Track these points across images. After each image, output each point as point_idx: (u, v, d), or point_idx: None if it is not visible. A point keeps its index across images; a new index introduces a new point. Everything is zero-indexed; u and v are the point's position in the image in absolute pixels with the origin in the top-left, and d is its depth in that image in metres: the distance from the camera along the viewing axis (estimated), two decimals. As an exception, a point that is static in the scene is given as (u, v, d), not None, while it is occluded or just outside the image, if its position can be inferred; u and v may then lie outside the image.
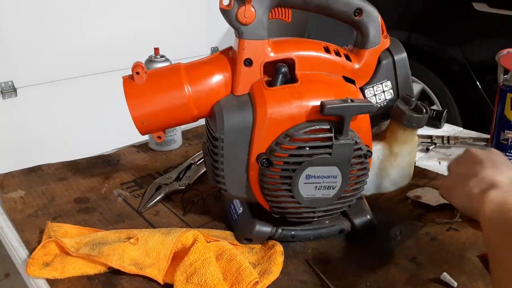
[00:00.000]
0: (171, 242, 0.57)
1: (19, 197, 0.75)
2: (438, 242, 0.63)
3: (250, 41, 0.55)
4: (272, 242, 0.62)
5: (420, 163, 0.87)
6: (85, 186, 0.79)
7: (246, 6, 0.53)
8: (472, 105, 1.79)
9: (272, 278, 0.56)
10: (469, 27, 1.75)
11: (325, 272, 0.57)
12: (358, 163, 0.57)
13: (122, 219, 0.69)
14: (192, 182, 0.79)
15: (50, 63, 1.76)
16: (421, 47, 1.89)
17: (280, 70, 0.56)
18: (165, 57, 0.89)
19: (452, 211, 0.69)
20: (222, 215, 0.70)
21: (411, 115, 0.60)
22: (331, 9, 0.57)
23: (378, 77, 0.62)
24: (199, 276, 0.52)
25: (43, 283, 0.56)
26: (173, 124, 0.60)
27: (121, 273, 0.56)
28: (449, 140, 0.95)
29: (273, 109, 0.54)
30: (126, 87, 0.57)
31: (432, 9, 1.90)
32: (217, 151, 0.56)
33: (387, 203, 0.73)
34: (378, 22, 0.59)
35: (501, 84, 0.78)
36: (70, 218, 0.69)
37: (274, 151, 0.54)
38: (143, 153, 0.92)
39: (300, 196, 0.57)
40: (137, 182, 0.81)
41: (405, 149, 0.64)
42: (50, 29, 1.73)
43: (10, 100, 1.71)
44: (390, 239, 0.64)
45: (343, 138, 0.54)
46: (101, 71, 1.88)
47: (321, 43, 0.59)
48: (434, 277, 0.56)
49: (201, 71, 0.58)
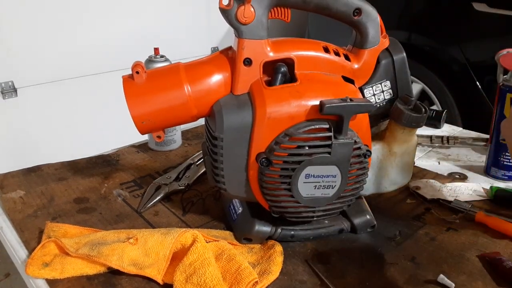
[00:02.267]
0: (171, 242, 0.57)
1: (18, 197, 0.75)
2: (438, 242, 0.63)
3: (249, 41, 0.55)
4: (271, 242, 0.62)
5: (419, 163, 0.87)
6: (84, 186, 0.79)
7: (245, 5, 0.53)
8: (472, 105, 1.79)
9: (272, 278, 0.56)
10: (469, 27, 1.75)
11: (324, 272, 0.57)
12: (357, 163, 0.57)
13: (121, 219, 0.69)
14: (191, 182, 0.79)
15: (50, 63, 1.76)
16: (421, 47, 1.88)
17: (280, 70, 0.56)
18: (165, 57, 0.89)
19: (449, 210, 0.70)
20: (222, 215, 0.70)
21: (410, 114, 0.60)
22: (330, 9, 0.57)
23: (377, 77, 0.62)
24: (199, 276, 0.52)
25: (43, 283, 0.56)
26: (172, 124, 0.60)
27: (121, 273, 0.56)
28: (449, 140, 0.95)
29: (273, 109, 0.54)
30: (126, 86, 0.57)
31: (432, 9, 1.90)
32: (216, 151, 0.56)
33: (387, 203, 0.73)
34: (377, 22, 0.59)
35: (500, 84, 0.78)
36: (70, 218, 0.69)
37: (274, 151, 0.54)
38: (143, 153, 0.92)
39: (300, 195, 0.57)
40: (136, 182, 0.81)
41: (404, 148, 0.64)
42: (50, 29, 1.73)
43: (10, 100, 1.71)
44: (389, 239, 0.64)
45: (343, 137, 0.54)
46: (101, 71, 1.88)
47: (320, 43, 0.59)
48: (434, 277, 0.56)
49: (201, 71, 0.58)
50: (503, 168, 0.80)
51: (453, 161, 0.88)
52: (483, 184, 0.79)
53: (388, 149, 0.64)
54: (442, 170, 0.84)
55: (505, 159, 0.80)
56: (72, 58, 1.81)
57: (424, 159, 0.90)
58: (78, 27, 1.80)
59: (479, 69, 1.72)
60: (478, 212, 0.67)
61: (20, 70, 1.71)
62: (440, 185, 0.76)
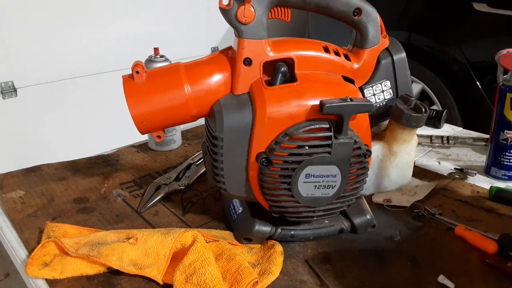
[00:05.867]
0: (171, 242, 0.57)
1: (18, 197, 0.75)
2: (438, 242, 0.63)
3: (249, 41, 0.55)
4: (271, 242, 0.62)
5: (419, 162, 0.87)
6: (84, 186, 0.79)
7: (245, 5, 0.53)
8: (472, 105, 1.79)
9: (272, 278, 0.56)
10: (469, 27, 1.75)
11: (324, 272, 0.57)
12: (357, 162, 0.57)
13: (121, 219, 0.69)
14: (191, 182, 0.79)
15: (50, 63, 1.76)
16: (421, 47, 1.88)
17: (280, 70, 0.56)
18: (165, 57, 0.89)
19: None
20: (222, 215, 0.70)
21: (410, 114, 0.60)
22: (330, 9, 0.57)
23: (377, 76, 0.62)
24: (199, 276, 0.52)
25: (43, 283, 0.56)
26: (172, 123, 0.60)
27: (121, 273, 0.56)
28: (449, 140, 0.95)
29: (273, 108, 0.54)
30: (126, 86, 0.57)
31: (432, 9, 1.90)
32: (216, 151, 0.56)
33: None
34: (377, 22, 0.59)
35: (500, 84, 0.78)
36: (70, 218, 0.69)
37: (274, 150, 0.54)
38: (143, 153, 0.92)
39: (300, 195, 0.56)
40: (136, 182, 0.81)
41: (404, 148, 0.64)
42: (50, 29, 1.73)
43: (10, 100, 1.71)
44: (389, 239, 0.64)
45: (343, 137, 0.54)
46: (101, 71, 1.88)
47: (320, 42, 0.59)
48: (434, 278, 0.56)
49: (201, 71, 0.58)
50: (503, 168, 0.80)
51: (453, 161, 0.88)
52: (483, 184, 0.79)
53: (388, 149, 0.64)
54: (442, 170, 0.84)
55: (505, 159, 0.80)
56: (72, 58, 1.81)
57: (424, 159, 0.90)
58: (78, 27, 1.80)
59: (479, 69, 1.72)
60: (458, 226, 0.65)
61: (20, 70, 1.71)
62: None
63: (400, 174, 0.66)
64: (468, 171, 0.83)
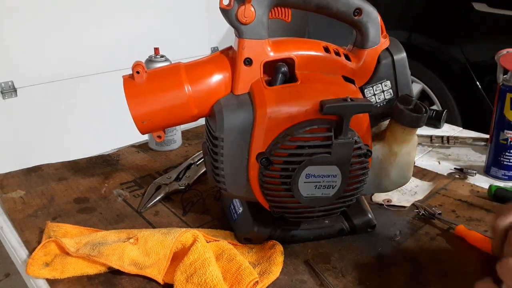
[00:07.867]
0: (171, 242, 0.57)
1: (19, 197, 0.75)
2: (438, 242, 0.63)
3: (250, 41, 0.55)
4: (272, 242, 0.62)
5: (419, 163, 0.87)
6: (85, 186, 0.79)
7: (246, 5, 0.53)
8: (472, 105, 1.79)
9: (272, 278, 0.56)
10: (469, 27, 1.75)
11: (324, 272, 0.57)
12: (357, 163, 0.57)
13: (122, 219, 0.69)
14: (192, 182, 0.79)
15: (50, 63, 1.76)
16: (421, 47, 1.89)
17: (280, 70, 0.56)
18: (165, 57, 0.89)
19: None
20: (222, 215, 0.70)
21: (411, 114, 0.60)
22: (330, 9, 0.57)
23: (377, 76, 0.62)
24: (199, 276, 0.52)
25: (43, 283, 0.56)
26: (173, 124, 0.60)
27: (121, 273, 0.56)
28: (449, 140, 0.95)
29: (273, 109, 0.54)
30: (126, 86, 0.57)
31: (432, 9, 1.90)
32: (217, 151, 0.56)
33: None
34: (378, 22, 0.59)
35: (500, 84, 0.78)
36: (70, 218, 0.69)
37: (274, 151, 0.54)
38: (143, 153, 0.92)
39: (300, 195, 0.56)
40: (137, 182, 0.81)
41: (404, 148, 0.64)
42: (50, 29, 1.73)
43: (10, 100, 1.71)
44: (389, 239, 0.64)
45: (343, 137, 0.54)
46: (101, 71, 1.88)
47: (320, 42, 0.59)
48: (434, 277, 0.56)
49: (201, 71, 0.58)
50: (503, 168, 0.80)
51: (453, 161, 0.88)
52: (483, 184, 0.79)
53: (388, 149, 0.64)
54: (442, 170, 0.84)
55: (505, 159, 0.80)
56: (72, 58, 1.81)
57: (424, 159, 0.90)
58: (78, 27, 1.80)
59: (479, 69, 1.72)
60: (458, 226, 0.65)
61: (20, 70, 1.71)
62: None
63: (400, 174, 0.66)
64: (468, 171, 0.83)
